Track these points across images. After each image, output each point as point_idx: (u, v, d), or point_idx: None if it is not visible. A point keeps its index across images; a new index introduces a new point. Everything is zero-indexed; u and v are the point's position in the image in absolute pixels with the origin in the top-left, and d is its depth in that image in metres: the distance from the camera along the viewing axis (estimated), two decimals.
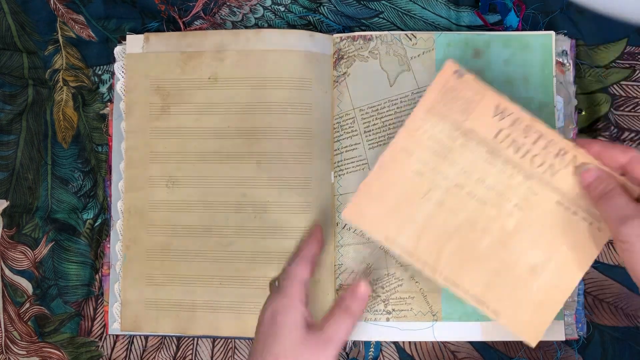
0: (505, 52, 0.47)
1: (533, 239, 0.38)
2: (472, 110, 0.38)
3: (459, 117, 0.38)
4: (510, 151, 0.38)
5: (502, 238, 0.38)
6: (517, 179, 0.38)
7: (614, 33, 0.48)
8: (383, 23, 0.49)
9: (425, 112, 0.38)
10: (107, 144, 0.50)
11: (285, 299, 0.38)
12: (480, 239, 0.38)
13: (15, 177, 0.51)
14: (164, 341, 0.49)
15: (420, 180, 0.39)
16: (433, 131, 0.38)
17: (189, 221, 0.47)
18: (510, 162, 0.38)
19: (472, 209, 0.39)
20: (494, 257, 0.38)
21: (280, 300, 0.38)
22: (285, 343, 0.36)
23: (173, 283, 0.47)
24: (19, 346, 0.50)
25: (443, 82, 0.38)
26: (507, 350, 0.47)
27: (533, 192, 0.38)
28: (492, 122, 0.38)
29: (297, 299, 0.38)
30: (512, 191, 0.38)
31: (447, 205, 0.39)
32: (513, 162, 0.38)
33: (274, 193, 0.46)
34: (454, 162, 0.38)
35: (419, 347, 0.48)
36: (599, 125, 0.47)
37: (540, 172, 0.38)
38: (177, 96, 0.48)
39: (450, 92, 0.38)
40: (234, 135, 0.47)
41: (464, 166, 0.38)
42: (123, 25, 0.50)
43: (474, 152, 0.38)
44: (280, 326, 0.37)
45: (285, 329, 0.37)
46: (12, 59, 0.51)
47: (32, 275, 0.50)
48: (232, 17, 0.50)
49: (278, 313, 0.37)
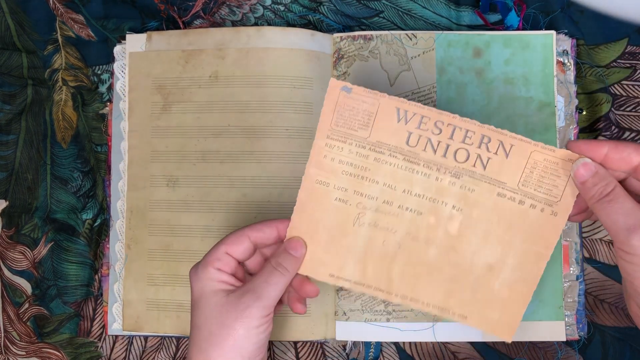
0: (506, 52, 0.47)
1: (483, 237, 0.36)
2: (373, 121, 0.36)
3: (362, 134, 0.36)
4: (428, 153, 0.36)
5: (450, 243, 0.37)
6: (446, 180, 0.36)
7: (615, 32, 0.48)
8: (383, 22, 0.49)
9: (325, 139, 0.36)
10: (106, 144, 0.50)
11: (199, 267, 0.36)
12: (427, 250, 0.37)
13: (15, 177, 0.51)
14: (164, 342, 0.49)
15: (346, 208, 0.37)
16: (340, 155, 0.37)
17: (189, 221, 0.47)
18: (433, 164, 0.36)
19: (408, 222, 0.37)
20: (446, 265, 0.37)
21: (195, 269, 0.36)
22: (205, 311, 0.35)
23: (174, 283, 0.47)
24: (18, 347, 0.50)
25: (333, 103, 0.36)
26: (508, 351, 0.47)
27: (468, 189, 0.36)
28: (398, 127, 0.36)
29: (211, 267, 0.36)
30: (446, 194, 0.36)
31: (382, 225, 0.37)
32: (436, 164, 0.36)
33: (275, 193, 0.46)
34: (374, 180, 0.36)
35: (419, 347, 0.48)
36: (599, 125, 0.47)
37: (468, 167, 0.36)
38: (178, 95, 0.48)
39: (344, 111, 0.36)
40: (235, 134, 0.47)
41: (385, 181, 0.36)
42: (123, 24, 0.50)
43: (390, 165, 0.36)
44: (197, 296, 0.36)
45: (203, 299, 0.36)
46: (12, 59, 0.51)
47: (31, 276, 0.50)
48: (231, 17, 0.50)
49: (193, 283, 0.36)
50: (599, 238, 0.47)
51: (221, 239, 0.38)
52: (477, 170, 0.36)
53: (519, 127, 0.46)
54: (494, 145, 0.35)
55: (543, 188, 0.35)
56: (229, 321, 0.34)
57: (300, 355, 0.48)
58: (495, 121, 0.46)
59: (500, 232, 0.36)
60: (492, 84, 0.47)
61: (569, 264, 0.46)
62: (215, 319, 0.35)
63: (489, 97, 0.47)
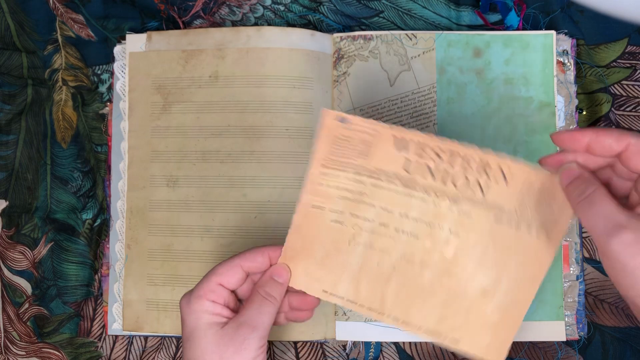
0: (506, 52, 0.47)
1: (478, 261, 0.36)
2: (372, 150, 0.35)
3: (360, 161, 0.36)
4: (427, 179, 0.35)
5: (444, 267, 0.36)
6: (443, 205, 0.35)
7: (615, 32, 0.48)
8: (383, 22, 0.49)
9: (321, 168, 0.36)
10: (106, 144, 0.50)
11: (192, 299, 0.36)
12: (421, 273, 0.36)
13: (15, 177, 0.51)
14: (164, 341, 0.49)
15: (342, 228, 0.37)
16: (337, 182, 0.36)
17: (189, 221, 0.47)
18: (430, 190, 0.35)
19: (404, 244, 0.36)
20: (440, 288, 0.36)
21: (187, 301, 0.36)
22: (201, 345, 0.35)
23: (174, 283, 0.47)
24: (18, 347, 0.50)
25: (329, 133, 0.35)
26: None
27: (466, 214, 0.35)
28: (396, 155, 0.35)
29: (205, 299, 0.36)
30: (443, 218, 0.35)
31: (377, 246, 0.37)
32: (434, 189, 0.35)
33: (275, 193, 0.46)
34: (371, 204, 0.36)
35: (419, 347, 0.48)
36: (599, 125, 0.47)
37: (467, 192, 0.35)
38: (178, 95, 0.48)
39: (341, 141, 0.35)
40: (235, 134, 0.47)
41: (382, 205, 0.36)
42: (122, 24, 0.50)
43: (388, 190, 0.36)
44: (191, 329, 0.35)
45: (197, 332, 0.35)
46: (12, 59, 0.51)
47: (31, 276, 0.50)
48: (231, 17, 0.50)
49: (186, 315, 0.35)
50: None
51: (212, 269, 0.37)
52: (476, 196, 0.35)
53: (519, 127, 0.46)
54: (493, 171, 0.35)
55: (540, 212, 0.35)
56: (227, 354, 0.34)
57: (300, 355, 0.48)
58: (495, 121, 0.46)
59: (496, 257, 0.36)
60: (492, 84, 0.47)
61: (569, 264, 0.46)
62: (214, 353, 0.34)
63: (489, 97, 0.47)
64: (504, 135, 0.46)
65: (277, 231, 0.46)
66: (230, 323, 0.35)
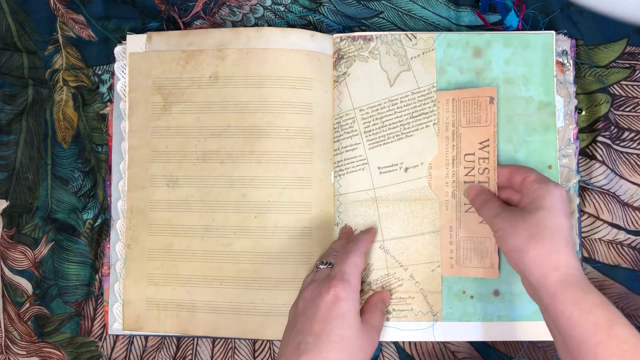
0: (506, 52, 0.47)
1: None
2: None
3: None
4: None
5: None
6: None
7: (614, 33, 0.48)
8: (383, 23, 0.49)
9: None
10: (107, 144, 0.50)
11: (349, 287, 0.39)
12: None
13: (15, 177, 0.51)
14: (164, 341, 0.49)
15: None
16: None
17: (189, 221, 0.47)
18: None
19: None
20: None
21: (345, 287, 0.39)
22: (350, 327, 0.38)
23: (174, 283, 0.47)
24: (18, 346, 0.50)
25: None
26: (508, 351, 0.47)
27: None
28: None
29: (357, 290, 0.40)
30: None
31: None
32: None
33: (275, 193, 0.46)
34: None
35: (419, 347, 0.48)
36: (599, 125, 0.47)
37: None
38: (178, 95, 0.48)
39: None
40: (235, 134, 0.47)
41: None
42: (123, 25, 0.50)
43: None
44: (344, 312, 0.39)
45: (350, 316, 0.39)
46: (12, 59, 0.51)
47: (32, 275, 0.50)
48: (232, 17, 0.50)
49: (342, 299, 0.39)
50: (598, 238, 0.47)
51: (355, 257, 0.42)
52: None
53: (519, 126, 0.46)
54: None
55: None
56: (364, 349, 0.39)
57: None
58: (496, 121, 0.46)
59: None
60: (492, 83, 0.47)
61: None
62: (355, 337, 0.39)
63: None
64: (504, 135, 0.46)
65: (277, 231, 0.46)
66: (365, 321, 0.42)
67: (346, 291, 0.39)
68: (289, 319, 0.41)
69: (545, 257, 0.37)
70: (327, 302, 0.39)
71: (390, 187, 0.47)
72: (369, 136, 0.47)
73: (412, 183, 0.47)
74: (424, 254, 0.46)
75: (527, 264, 0.37)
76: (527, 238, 0.38)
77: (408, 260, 0.46)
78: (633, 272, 0.47)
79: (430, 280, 0.46)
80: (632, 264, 0.47)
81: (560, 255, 0.37)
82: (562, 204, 0.39)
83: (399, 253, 0.47)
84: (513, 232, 0.39)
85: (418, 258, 0.46)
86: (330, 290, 0.39)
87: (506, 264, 0.46)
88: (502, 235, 0.40)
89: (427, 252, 0.46)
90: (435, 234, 0.46)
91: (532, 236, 0.38)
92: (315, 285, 0.40)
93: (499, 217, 0.40)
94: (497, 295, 0.46)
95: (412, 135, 0.47)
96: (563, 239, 0.38)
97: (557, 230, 0.38)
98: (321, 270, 0.42)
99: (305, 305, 0.39)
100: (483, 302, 0.46)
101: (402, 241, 0.47)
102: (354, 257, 0.42)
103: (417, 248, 0.46)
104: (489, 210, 0.42)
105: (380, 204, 0.47)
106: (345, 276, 0.40)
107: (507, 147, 0.46)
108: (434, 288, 0.46)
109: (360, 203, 0.47)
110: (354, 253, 0.42)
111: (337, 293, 0.39)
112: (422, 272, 0.46)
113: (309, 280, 0.42)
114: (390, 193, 0.47)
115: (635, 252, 0.47)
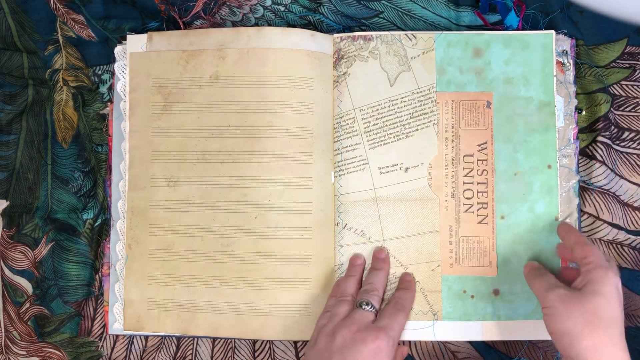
0: (506, 52, 0.47)
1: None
2: None
3: None
4: None
5: None
6: None
7: (614, 33, 0.48)
8: (383, 23, 0.49)
9: None
10: (107, 144, 0.50)
11: (393, 344, 0.41)
12: None
13: (15, 177, 0.51)
14: (164, 341, 0.49)
15: None
16: None
17: (190, 221, 0.47)
18: None
19: None
20: None
21: (389, 343, 0.41)
22: None
23: (174, 283, 0.47)
24: (18, 346, 0.50)
25: None
26: (508, 350, 0.47)
27: None
28: None
29: (396, 346, 0.42)
30: None
31: None
32: None
33: (275, 193, 0.46)
34: None
35: (419, 346, 0.48)
36: (599, 125, 0.47)
37: None
38: (178, 95, 0.48)
39: None
40: (235, 134, 0.47)
41: None
42: (123, 25, 0.50)
43: None
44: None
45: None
46: (12, 59, 0.51)
47: (32, 275, 0.50)
48: (232, 17, 0.50)
49: (384, 354, 0.40)
50: (598, 238, 0.47)
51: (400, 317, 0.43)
52: None
53: (519, 126, 0.46)
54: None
55: None
56: None
57: (300, 355, 0.48)
58: (495, 121, 0.46)
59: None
60: (492, 83, 0.47)
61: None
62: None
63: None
64: (504, 135, 0.46)
65: (278, 231, 0.46)
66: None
67: (389, 347, 0.40)
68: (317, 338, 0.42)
69: (599, 349, 0.37)
70: (370, 352, 0.40)
71: (391, 187, 0.47)
72: (369, 136, 0.47)
73: (412, 183, 0.47)
74: (424, 253, 0.46)
75: (581, 352, 0.37)
76: (583, 324, 0.37)
77: (408, 259, 0.47)
78: (633, 272, 0.47)
79: (430, 280, 0.46)
80: (632, 264, 0.47)
81: (615, 348, 0.37)
82: (618, 293, 0.39)
83: (399, 253, 0.47)
84: (567, 314, 0.38)
85: (418, 257, 0.47)
86: (376, 341, 0.40)
87: (505, 263, 0.46)
88: (553, 314, 0.39)
89: (427, 251, 0.46)
90: (435, 234, 0.46)
91: (589, 323, 0.37)
92: (358, 329, 0.41)
93: (553, 293, 0.40)
94: (497, 294, 0.46)
95: (412, 136, 0.47)
96: (618, 331, 0.38)
97: (612, 321, 0.38)
98: (363, 312, 0.42)
99: (345, 345, 0.40)
100: (483, 302, 0.46)
101: (402, 241, 0.47)
102: (403, 317, 0.43)
103: (417, 248, 0.47)
104: (542, 283, 0.41)
105: (380, 204, 0.47)
106: (391, 333, 0.41)
107: (507, 147, 0.46)
108: (434, 287, 0.46)
109: (360, 203, 0.47)
110: (404, 314, 0.44)
111: (381, 346, 0.40)
112: (422, 272, 0.46)
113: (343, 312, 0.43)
114: (390, 193, 0.47)
115: (635, 252, 0.47)
